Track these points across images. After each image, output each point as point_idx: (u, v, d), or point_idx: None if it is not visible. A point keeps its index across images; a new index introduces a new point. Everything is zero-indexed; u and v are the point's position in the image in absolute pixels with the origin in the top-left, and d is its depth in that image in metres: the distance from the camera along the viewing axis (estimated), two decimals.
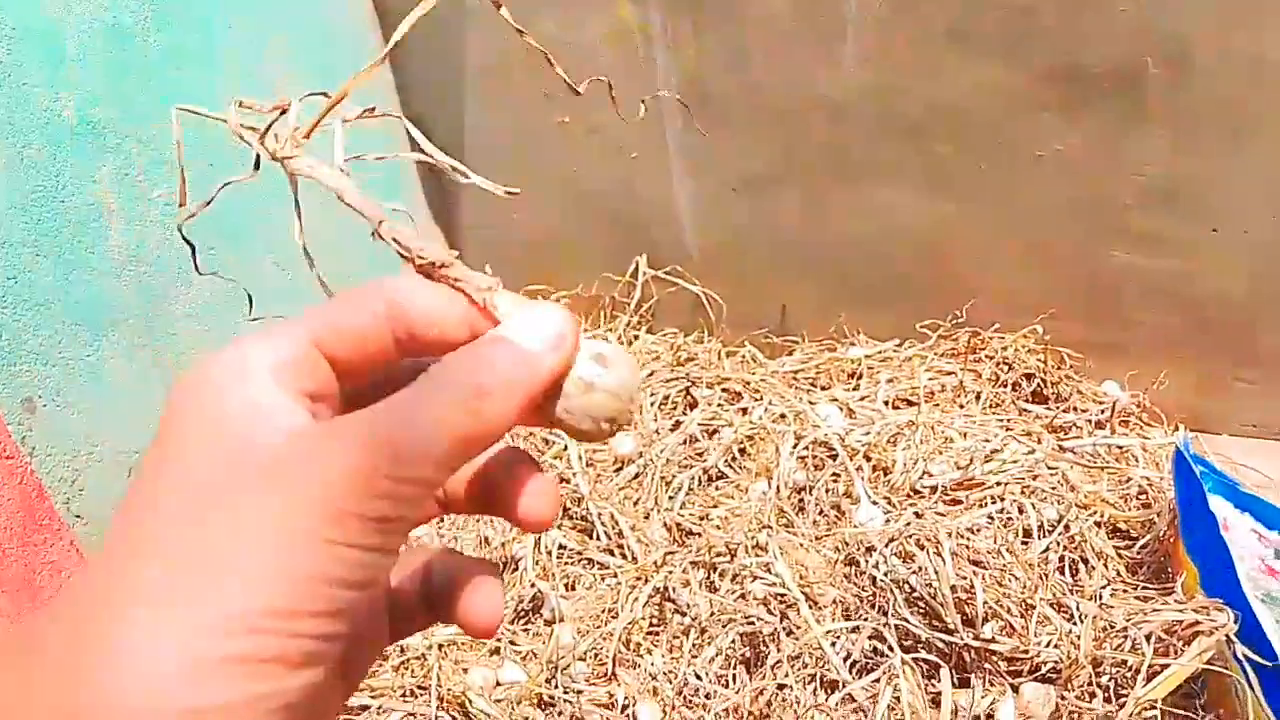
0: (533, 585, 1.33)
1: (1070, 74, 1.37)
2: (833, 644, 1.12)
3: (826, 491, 1.39)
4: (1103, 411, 1.46)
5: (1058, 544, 1.22)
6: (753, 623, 1.17)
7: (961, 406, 1.52)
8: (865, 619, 1.15)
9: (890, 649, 1.10)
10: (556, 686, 1.19)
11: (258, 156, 0.30)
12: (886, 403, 1.56)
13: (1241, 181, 1.34)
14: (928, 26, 1.43)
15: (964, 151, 1.50)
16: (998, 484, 1.31)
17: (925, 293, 1.65)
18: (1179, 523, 1.13)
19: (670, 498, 1.45)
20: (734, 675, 1.16)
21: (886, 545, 1.19)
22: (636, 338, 1.94)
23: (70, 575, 1.24)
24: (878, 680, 1.07)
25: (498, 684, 1.23)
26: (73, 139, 1.30)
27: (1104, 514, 1.26)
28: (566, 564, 1.39)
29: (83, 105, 1.31)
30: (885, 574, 1.15)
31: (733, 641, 1.18)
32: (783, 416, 1.52)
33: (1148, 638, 1.00)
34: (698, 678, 1.16)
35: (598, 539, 1.40)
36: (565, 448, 1.50)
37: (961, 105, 1.47)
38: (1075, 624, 1.06)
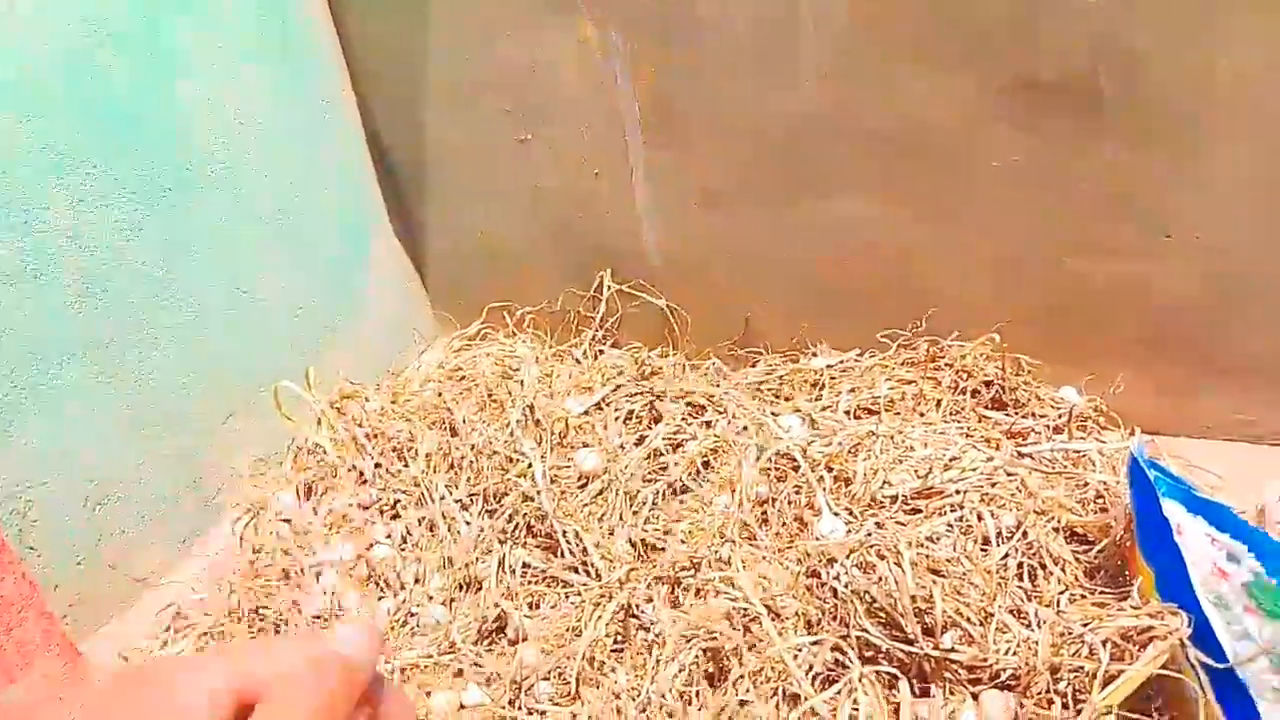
0: (496, 605, 1.33)
1: (1025, 86, 1.39)
2: (795, 657, 1.12)
3: (789, 503, 1.39)
4: (1060, 417, 1.47)
5: (1016, 550, 1.22)
6: (715, 638, 1.17)
7: (922, 415, 1.53)
8: (828, 631, 1.15)
9: (851, 661, 1.10)
10: (520, 708, 1.18)
11: None
12: (848, 413, 1.57)
13: (1192, 188, 1.36)
14: (885, 41, 1.44)
15: (922, 163, 1.52)
16: (957, 492, 1.31)
17: (885, 303, 1.66)
18: (1135, 527, 1.14)
19: (635, 513, 1.44)
20: (697, 691, 1.15)
21: (847, 556, 1.19)
22: (601, 352, 1.94)
23: (22, 610, 1.22)
24: (839, 693, 1.07)
25: (461, 706, 1.22)
26: (28, 164, 1.29)
27: (1062, 519, 1.27)
28: (530, 583, 1.39)
29: (39, 130, 1.30)
30: (846, 585, 1.16)
31: (696, 657, 1.18)
32: (745, 429, 1.52)
33: (1104, 643, 1.01)
34: (661, 695, 1.15)
35: (562, 556, 1.39)
36: (529, 465, 1.49)
37: (918, 118, 1.48)
38: (1034, 631, 1.07)
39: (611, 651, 1.25)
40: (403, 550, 1.49)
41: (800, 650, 1.14)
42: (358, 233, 1.96)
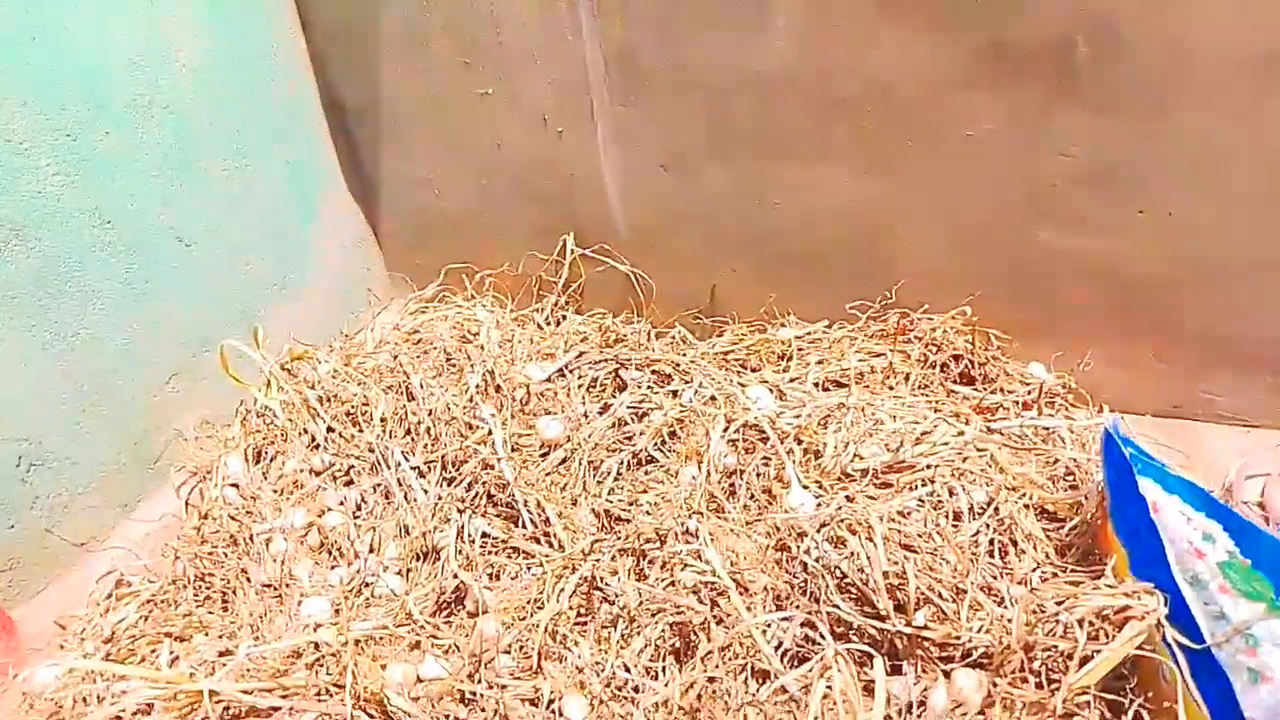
0: (455, 576, 1.28)
1: (1000, 51, 1.36)
2: (764, 633, 1.10)
3: (757, 475, 1.36)
4: (1029, 392, 1.46)
5: (987, 527, 1.21)
6: (682, 612, 1.14)
7: (891, 388, 1.51)
8: (797, 606, 1.13)
9: (822, 637, 1.07)
10: (479, 681, 1.15)
11: None
12: (816, 384, 1.54)
13: (1166, 163, 1.35)
14: (858, 1, 1.40)
15: (894, 129, 1.49)
16: (928, 466, 1.30)
17: (855, 273, 1.63)
18: (1108, 505, 1.13)
19: (599, 483, 1.41)
20: (663, 667, 1.13)
21: (818, 530, 1.17)
22: (564, 318, 1.90)
23: None
24: (811, 670, 1.05)
25: (419, 680, 1.18)
26: None
27: (1032, 496, 1.26)
28: (490, 553, 1.34)
29: None
30: (817, 560, 1.13)
31: (662, 632, 1.15)
32: (713, 399, 1.49)
33: (1080, 623, 0.99)
34: (626, 670, 1.12)
35: (523, 527, 1.35)
36: (489, 432, 1.45)
37: (892, 82, 1.44)
38: (1006, 608, 1.05)
39: (575, 624, 1.22)
40: (356, 518, 1.44)
41: (769, 626, 1.11)
42: (308, 187, 1.88)
